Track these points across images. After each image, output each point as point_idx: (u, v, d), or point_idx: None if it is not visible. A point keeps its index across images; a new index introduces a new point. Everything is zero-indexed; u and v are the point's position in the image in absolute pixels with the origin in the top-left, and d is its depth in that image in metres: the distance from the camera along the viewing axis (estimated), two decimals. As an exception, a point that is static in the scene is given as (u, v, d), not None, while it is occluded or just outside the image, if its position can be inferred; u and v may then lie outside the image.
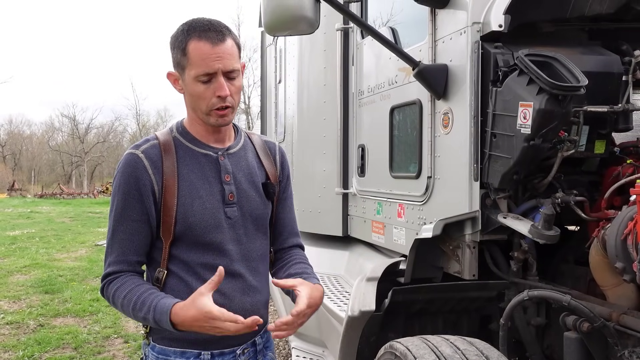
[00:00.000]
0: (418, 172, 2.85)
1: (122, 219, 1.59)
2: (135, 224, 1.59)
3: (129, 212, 1.59)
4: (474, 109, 2.41)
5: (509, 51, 2.35)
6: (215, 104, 1.57)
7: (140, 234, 1.60)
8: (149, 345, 1.67)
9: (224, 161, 1.67)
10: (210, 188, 1.63)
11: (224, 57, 1.54)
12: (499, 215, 2.42)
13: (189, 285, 1.60)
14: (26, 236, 13.03)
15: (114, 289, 1.58)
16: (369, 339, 2.69)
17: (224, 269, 1.50)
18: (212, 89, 1.56)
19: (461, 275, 2.58)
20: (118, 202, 1.60)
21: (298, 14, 2.40)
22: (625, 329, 2.05)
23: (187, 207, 1.59)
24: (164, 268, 1.62)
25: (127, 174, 1.59)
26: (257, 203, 1.71)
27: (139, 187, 1.58)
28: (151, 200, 1.59)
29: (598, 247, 2.23)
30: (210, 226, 1.61)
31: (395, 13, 3.34)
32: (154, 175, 1.58)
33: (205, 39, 1.54)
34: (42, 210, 21.47)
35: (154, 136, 1.67)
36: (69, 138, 55.20)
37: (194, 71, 1.55)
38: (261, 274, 1.75)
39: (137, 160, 1.59)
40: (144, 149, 1.61)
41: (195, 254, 1.61)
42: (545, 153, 2.29)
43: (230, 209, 1.65)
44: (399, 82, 3.06)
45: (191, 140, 1.66)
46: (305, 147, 4.31)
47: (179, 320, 1.47)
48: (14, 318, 6.08)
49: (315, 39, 3.95)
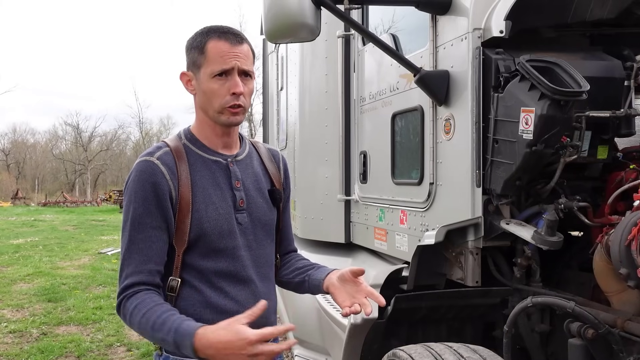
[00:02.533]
0: (420, 178, 2.85)
1: (141, 227, 1.54)
2: (154, 232, 1.54)
3: (148, 219, 1.54)
4: (475, 114, 2.40)
5: (510, 57, 2.35)
6: (229, 102, 1.58)
7: (159, 242, 1.55)
8: (161, 356, 1.63)
9: (233, 167, 1.67)
10: (222, 194, 1.63)
11: (241, 56, 1.58)
12: (501, 222, 2.41)
13: (203, 293, 1.58)
14: (29, 244, 13.05)
15: (132, 306, 1.50)
16: (371, 347, 2.68)
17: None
18: (226, 86, 1.57)
19: (464, 282, 2.57)
20: (135, 209, 1.54)
21: (299, 21, 2.40)
22: (630, 335, 2.04)
23: (201, 213, 1.58)
24: (177, 277, 1.59)
25: (144, 181, 1.55)
26: (265, 209, 1.72)
27: (157, 193, 1.55)
28: (169, 206, 1.56)
29: (602, 253, 2.22)
30: (224, 232, 1.60)
31: (396, 20, 3.34)
32: (172, 181, 1.56)
33: (224, 39, 1.58)
34: (46, 218, 21.52)
35: (164, 143, 1.65)
36: (73, 146, 55.37)
37: (211, 68, 1.57)
38: (270, 280, 1.76)
39: (153, 166, 1.56)
40: (159, 156, 1.59)
41: (208, 261, 1.60)
42: (548, 159, 2.28)
43: (241, 215, 1.65)
44: (400, 89, 3.06)
45: (201, 147, 1.66)
46: (307, 153, 4.31)
47: (206, 344, 1.37)
48: (17, 326, 6.07)
49: (317, 46, 3.96)
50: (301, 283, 1.79)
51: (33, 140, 58.83)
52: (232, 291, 1.61)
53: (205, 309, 1.57)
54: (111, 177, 54.82)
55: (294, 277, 1.83)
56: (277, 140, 5.26)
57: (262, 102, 5.90)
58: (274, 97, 5.24)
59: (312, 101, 4.28)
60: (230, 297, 1.60)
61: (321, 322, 3.57)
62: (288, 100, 4.71)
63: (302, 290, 1.82)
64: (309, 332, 3.77)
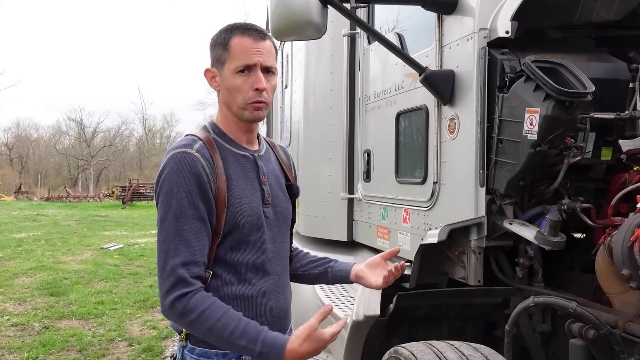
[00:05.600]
0: (424, 177, 2.85)
1: (186, 218, 1.51)
2: (199, 223, 1.53)
3: (192, 210, 1.52)
4: (480, 114, 2.41)
5: (516, 57, 2.35)
6: (252, 97, 1.60)
7: (204, 233, 1.54)
8: (185, 347, 1.63)
9: (260, 162, 1.71)
10: (252, 188, 1.65)
11: (264, 53, 1.60)
12: (504, 221, 2.42)
13: (231, 286, 1.60)
14: (32, 239, 13.10)
15: (202, 308, 1.48)
16: (373, 344, 2.69)
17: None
18: (250, 82, 1.59)
19: (466, 281, 2.58)
20: (178, 201, 1.51)
21: (305, 19, 2.41)
22: (632, 336, 2.04)
23: (236, 206, 1.60)
24: (209, 269, 1.59)
25: (187, 172, 1.52)
26: (285, 204, 1.77)
27: (200, 184, 1.53)
28: (211, 197, 1.56)
29: (604, 254, 2.23)
30: (255, 225, 1.63)
31: (402, 19, 3.35)
32: (211, 174, 1.57)
33: (247, 35, 1.60)
34: (49, 213, 21.57)
35: (196, 137, 1.62)
36: (76, 142, 55.51)
37: (235, 64, 1.59)
38: (288, 273, 1.81)
39: (194, 158, 1.55)
40: (197, 149, 1.57)
41: (238, 253, 1.61)
42: (552, 159, 2.29)
43: (267, 209, 1.68)
44: (405, 88, 3.06)
45: (229, 141, 1.67)
46: (311, 152, 4.32)
47: (295, 356, 1.48)
48: (19, 320, 6.10)
49: (322, 44, 3.97)
50: (322, 274, 1.90)
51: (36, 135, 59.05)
52: (258, 283, 1.64)
53: (232, 301, 1.57)
54: (114, 173, 54.89)
55: (311, 269, 1.92)
56: (281, 138, 5.26)
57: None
58: (279, 95, 5.25)
59: (316, 99, 4.28)
60: (257, 288, 1.63)
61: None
62: (293, 98, 4.72)
63: (317, 281, 1.95)
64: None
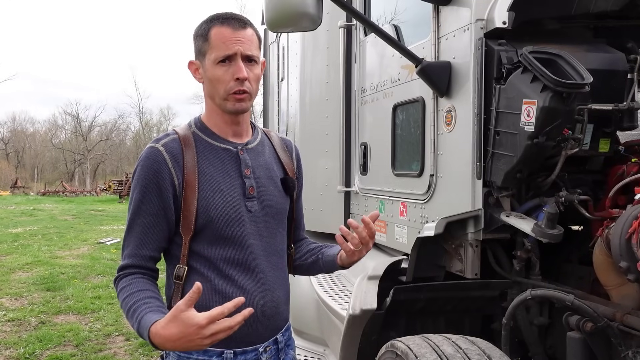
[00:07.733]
0: (421, 170, 2.84)
1: (140, 213, 1.58)
2: (151, 218, 1.58)
3: (147, 205, 1.57)
4: (477, 106, 2.39)
5: (513, 48, 2.33)
6: (233, 88, 1.59)
7: (155, 228, 1.58)
8: None
9: (244, 155, 1.68)
10: (231, 182, 1.64)
11: (243, 42, 1.59)
12: (502, 214, 2.40)
13: (211, 281, 1.59)
14: (28, 233, 13.06)
15: (120, 287, 1.56)
16: (370, 338, 2.68)
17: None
18: (230, 72, 1.58)
19: (463, 274, 2.57)
20: (137, 195, 1.59)
21: (300, 10, 2.38)
22: (629, 329, 2.03)
23: (208, 200, 1.59)
24: (184, 264, 1.61)
25: (147, 167, 1.58)
26: (277, 198, 1.73)
27: (157, 180, 1.57)
28: (170, 194, 1.58)
29: (602, 246, 2.22)
30: (232, 219, 1.61)
31: (398, 10, 3.32)
32: (174, 168, 1.58)
33: (227, 25, 1.59)
34: (45, 207, 21.52)
35: (173, 131, 1.68)
36: (72, 136, 55.32)
37: (214, 54, 1.58)
38: (281, 270, 1.76)
39: (157, 153, 1.58)
40: (165, 143, 1.61)
41: (216, 249, 1.61)
42: (549, 151, 2.27)
43: (251, 203, 1.66)
44: (401, 80, 3.04)
45: (210, 135, 1.67)
46: (307, 144, 4.29)
47: (161, 340, 1.36)
48: (15, 315, 6.08)
49: (318, 36, 3.94)
50: (315, 262, 1.84)
51: (32, 129, 58.80)
52: (240, 279, 1.62)
53: (213, 297, 1.57)
54: (111, 167, 54.77)
55: (306, 258, 1.87)
56: (278, 131, 5.24)
57: (262, 93, 5.87)
58: (275, 88, 5.22)
59: (312, 92, 4.26)
60: (238, 285, 1.61)
61: (319, 313, 3.58)
62: (289, 91, 4.70)
63: (315, 270, 1.87)
64: (307, 323, 3.77)
